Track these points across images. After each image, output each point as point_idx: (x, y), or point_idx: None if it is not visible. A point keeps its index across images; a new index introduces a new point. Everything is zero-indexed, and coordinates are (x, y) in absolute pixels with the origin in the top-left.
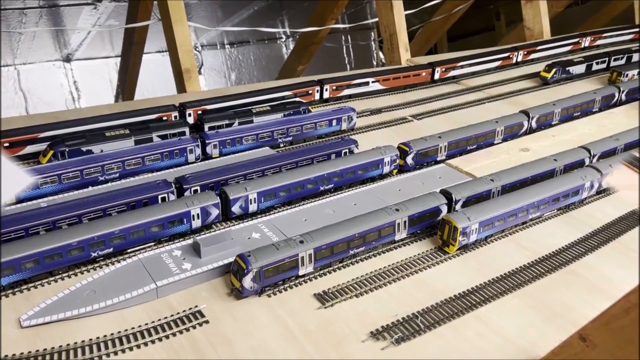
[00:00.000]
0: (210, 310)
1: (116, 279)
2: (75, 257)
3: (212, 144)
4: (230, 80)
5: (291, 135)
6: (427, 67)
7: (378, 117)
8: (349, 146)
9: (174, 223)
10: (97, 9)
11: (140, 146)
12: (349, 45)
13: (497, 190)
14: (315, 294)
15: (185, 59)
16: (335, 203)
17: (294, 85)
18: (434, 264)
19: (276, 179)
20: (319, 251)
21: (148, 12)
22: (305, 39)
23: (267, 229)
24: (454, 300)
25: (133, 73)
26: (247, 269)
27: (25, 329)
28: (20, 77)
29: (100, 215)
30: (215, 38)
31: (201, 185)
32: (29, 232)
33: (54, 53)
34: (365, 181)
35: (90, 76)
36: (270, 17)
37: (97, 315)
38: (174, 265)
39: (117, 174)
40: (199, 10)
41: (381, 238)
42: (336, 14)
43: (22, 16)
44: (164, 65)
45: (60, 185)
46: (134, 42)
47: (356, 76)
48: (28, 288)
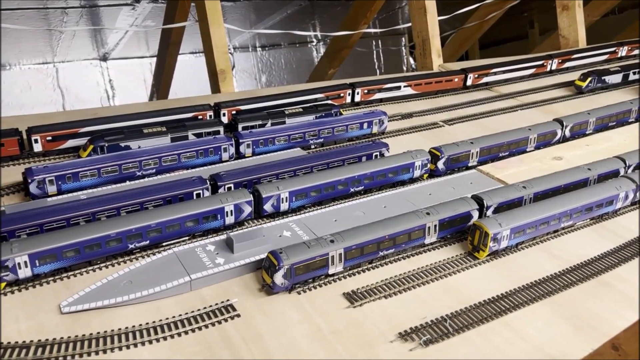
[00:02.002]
0: (241, 305)
1: (152, 271)
2: (113, 248)
3: (245, 143)
4: (261, 82)
5: (322, 137)
6: (459, 73)
7: (409, 121)
8: (380, 149)
9: (208, 219)
10: (135, 10)
11: (176, 143)
12: (379, 50)
13: (529, 198)
14: (344, 293)
15: (220, 60)
16: (365, 205)
17: (326, 88)
18: (463, 269)
19: (307, 179)
20: (349, 251)
21: (185, 13)
22: (337, 43)
23: (297, 228)
24: (483, 306)
25: (168, 73)
26: (279, 266)
27: (64, 315)
28: (59, 75)
29: (137, 208)
30: (248, 41)
31: (235, 183)
32: (70, 223)
33: (92, 52)
34: (395, 184)
35: (125, 75)
36: (302, 21)
37: (132, 305)
38: (207, 259)
39: (153, 170)
40: (233, 13)
41: (411, 241)
42: (369, 18)
43: (64, 15)
44: (196, 66)
45: (99, 178)
46: (171, 43)
47: (388, 80)
48: (68, 276)
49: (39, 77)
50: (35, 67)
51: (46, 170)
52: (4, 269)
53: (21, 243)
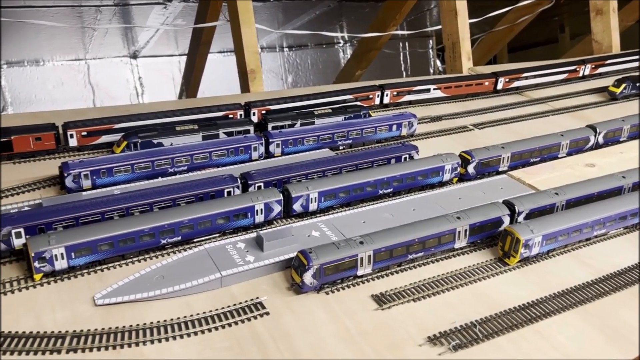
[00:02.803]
0: (270, 303)
1: (183, 267)
2: (146, 243)
3: (275, 143)
4: (287, 82)
5: (351, 138)
6: (490, 77)
7: (438, 124)
8: (410, 152)
9: (239, 216)
10: (167, 9)
11: (208, 142)
12: (406, 51)
13: (561, 205)
14: (372, 295)
15: (250, 60)
16: (393, 207)
17: (355, 89)
18: (493, 275)
19: (336, 180)
20: (378, 253)
21: (217, 12)
22: (365, 44)
23: (326, 228)
24: (513, 313)
25: (198, 72)
26: (308, 265)
27: (98, 307)
28: (90, 71)
29: (170, 204)
30: (275, 41)
31: (265, 182)
32: (104, 217)
33: (122, 49)
34: (424, 187)
35: (154, 73)
36: (330, 22)
37: (164, 300)
38: (237, 256)
39: (185, 167)
40: (262, 13)
41: (441, 245)
42: (398, 20)
43: (98, 13)
44: (224, 65)
45: (132, 174)
46: (201, 42)
47: (417, 82)
48: (102, 269)
49: (71, 73)
50: (67, 63)
51: (82, 165)
52: (41, 260)
53: (58, 235)
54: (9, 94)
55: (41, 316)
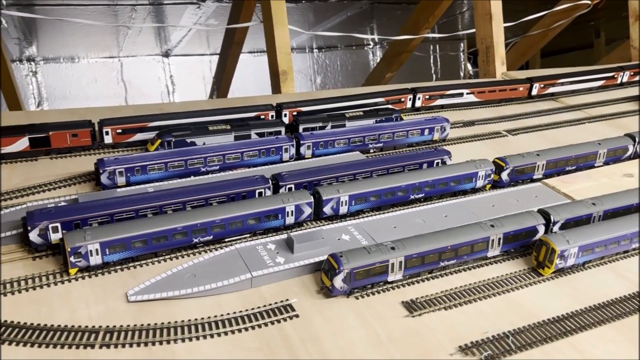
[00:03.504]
0: (300, 305)
1: (214, 266)
2: (179, 241)
3: (306, 144)
4: (316, 84)
5: (382, 142)
6: (525, 82)
7: (471, 129)
8: (442, 157)
9: (269, 218)
10: (200, 8)
11: (240, 142)
12: (437, 55)
13: (598, 215)
14: (403, 301)
15: (283, 60)
16: (425, 213)
17: (386, 92)
18: (527, 285)
19: (367, 184)
20: (409, 259)
21: (250, 13)
22: (396, 46)
23: (356, 232)
24: (547, 324)
25: (229, 71)
26: (339, 269)
27: (131, 304)
28: (123, 69)
29: (202, 204)
30: (305, 42)
31: (295, 184)
32: (138, 214)
33: (155, 48)
34: (456, 193)
35: (185, 72)
36: (360, 24)
37: (195, 298)
38: (268, 257)
39: (217, 167)
40: (294, 14)
41: (473, 253)
42: (431, 23)
43: (133, 12)
44: (255, 65)
45: (165, 172)
46: (234, 42)
47: (450, 86)
48: (135, 266)
49: (105, 70)
50: (101, 60)
51: (117, 162)
52: (77, 255)
53: (94, 231)
54: (45, 89)
55: (76, 310)
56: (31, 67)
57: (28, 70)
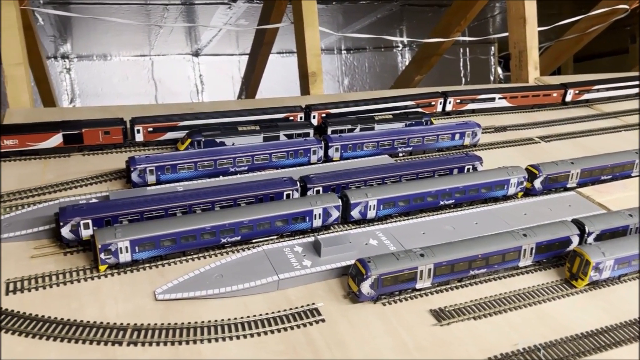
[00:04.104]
0: (326, 310)
1: (241, 267)
2: (207, 241)
3: (334, 147)
4: (343, 85)
5: (411, 146)
6: (559, 88)
7: (502, 135)
8: (473, 162)
9: (297, 220)
10: (231, 9)
11: (269, 143)
12: (467, 58)
13: (635, 227)
14: (431, 310)
15: (312, 62)
16: (455, 220)
17: (416, 95)
18: (559, 297)
19: (396, 188)
20: (439, 267)
21: (281, 14)
22: (426, 49)
23: (384, 237)
24: (580, 339)
25: (258, 72)
26: (367, 275)
27: (159, 302)
28: (154, 67)
29: (230, 204)
30: (334, 43)
31: (324, 187)
32: (167, 212)
33: (185, 47)
34: (487, 200)
35: (214, 71)
36: (390, 26)
37: (222, 299)
38: (295, 260)
39: (246, 167)
40: (323, 16)
41: (505, 262)
42: (463, 26)
43: (165, 11)
44: (283, 66)
45: (195, 172)
46: (263, 43)
47: (482, 91)
48: (163, 264)
49: (136, 68)
50: (133, 59)
51: (148, 160)
52: (107, 252)
53: (124, 229)
54: (78, 86)
55: (105, 307)
56: (65, 64)
57: (62, 67)
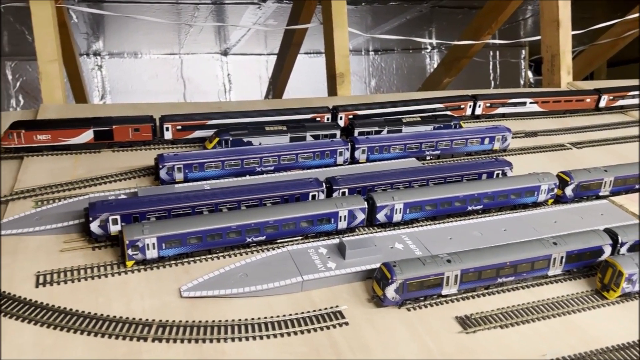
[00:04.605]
0: (350, 313)
1: (266, 267)
2: (232, 240)
3: (361, 149)
4: (370, 86)
5: (439, 149)
6: (592, 93)
7: (533, 140)
8: (503, 168)
9: (322, 221)
10: (261, 9)
11: (295, 143)
12: (497, 61)
13: None
14: (456, 317)
15: (340, 63)
16: (483, 225)
17: (445, 98)
18: (589, 308)
19: (423, 192)
20: (465, 273)
21: (310, 14)
22: (456, 51)
23: (410, 241)
24: (611, 352)
25: (286, 72)
26: (392, 279)
27: (184, 299)
28: (183, 66)
29: (256, 204)
30: (362, 44)
31: (349, 188)
32: (194, 210)
33: (214, 46)
34: (516, 207)
35: (242, 70)
36: (419, 28)
37: (246, 298)
38: (319, 262)
39: (272, 167)
40: (352, 16)
41: (533, 270)
42: (494, 29)
43: (195, 10)
44: (310, 66)
45: (222, 170)
46: (292, 43)
47: (513, 95)
48: (189, 261)
49: (166, 66)
50: (163, 57)
51: (176, 158)
52: (134, 248)
53: (151, 225)
54: (109, 83)
55: (131, 302)
56: (97, 61)
57: (94, 64)
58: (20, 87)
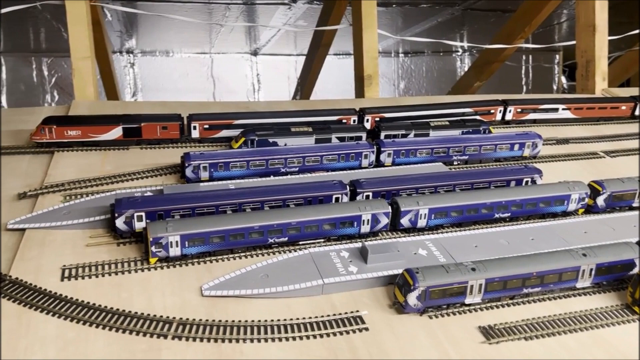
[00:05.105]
0: (370, 318)
1: (287, 268)
2: (255, 240)
3: (387, 152)
4: (399, 89)
5: (467, 154)
6: (628, 101)
7: (564, 147)
8: (532, 175)
9: (345, 224)
10: (291, 9)
11: (320, 145)
12: (529, 65)
13: None
14: (480, 326)
15: (369, 65)
16: (510, 234)
17: (475, 102)
18: (619, 323)
19: (449, 198)
20: (490, 283)
21: (340, 15)
22: (487, 55)
23: (434, 248)
24: None
25: (314, 73)
26: (414, 286)
27: (204, 298)
28: (213, 65)
29: (279, 204)
30: (391, 46)
31: (373, 192)
32: (218, 209)
33: (244, 46)
34: (545, 216)
35: (271, 70)
36: (451, 30)
37: (266, 299)
38: (340, 265)
39: (296, 168)
40: (382, 18)
41: (561, 282)
42: (527, 33)
43: (227, 10)
44: (338, 67)
45: (247, 170)
46: (321, 44)
47: (545, 100)
48: (211, 260)
49: (196, 65)
50: (193, 56)
51: (202, 157)
52: (158, 246)
53: (175, 223)
54: (140, 81)
55: (152, 299)
56: (129, 59)
57: (127, 62)
58: (55, 83)
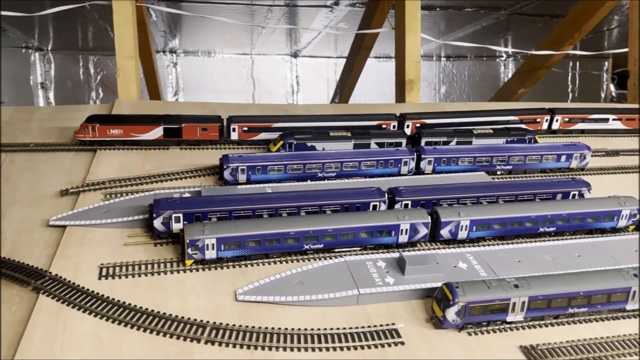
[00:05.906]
0: (406, 332)
1: (322, 276)
2: (290, 246)
3: (427, 159)
4: (440, 93)
5: (511, 164)
6: None
7: (614, 160)
8: (580, 188)
9: (382, 233)
10: (333, 12)
11: (359, 150)
12: (576, 72)
13: None
14: (521, 346)
15: (411, 69)
16: (555, 249)
17: (520, 110)
18: None
19: (492, 210)
20: (534, 300)
21: (383, 18)
22: (533, 61)
23: (475, 261)
24: None
25: (354, 76)
26: (454, 301)
27: (238, 303)
28: (253, 66)
29: (316, 210)
30: (433, 50)
31: (412, 201)
32: (254, 213)
33: (285, 48)
34: (593, 231)
35: (310, 73)
36: (495, 35)
37: (300, 307)
38: (377, 275)
39: (334, 174)
40: (425, 22)
41: (610, 303)
42: (577, 39)
43: (269, 12)
44: (378, 70)
45: (284, 174)
46: (362, 47)
47: (594, 110)
48: (246, 264)
49: (237, 66)
50: (235, 57)
51: (240, 160)
52: (194, 248)
53: (212, 226)
54: (182, 80)
55: (187, 301)
56: (172, 59)
57: (169, 62)
58: (100, 81)
